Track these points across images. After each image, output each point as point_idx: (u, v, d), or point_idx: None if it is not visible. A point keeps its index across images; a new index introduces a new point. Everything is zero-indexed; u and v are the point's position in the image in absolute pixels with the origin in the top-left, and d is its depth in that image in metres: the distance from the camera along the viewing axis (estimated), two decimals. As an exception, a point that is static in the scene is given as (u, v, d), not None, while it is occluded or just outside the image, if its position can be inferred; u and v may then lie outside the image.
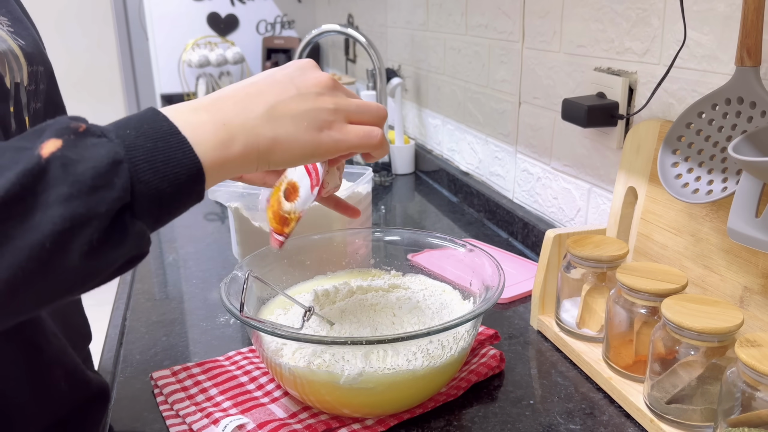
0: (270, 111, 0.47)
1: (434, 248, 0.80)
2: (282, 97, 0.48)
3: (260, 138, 0.46)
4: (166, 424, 0.65)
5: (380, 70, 1.52)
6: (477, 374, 0.71)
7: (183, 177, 0.41)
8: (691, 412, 0.60)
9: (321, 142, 0.49)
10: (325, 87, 0.51)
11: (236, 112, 0.46)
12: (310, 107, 0.48)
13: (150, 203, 0.40)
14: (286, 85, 0.49)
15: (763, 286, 0.62)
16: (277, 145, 0.47)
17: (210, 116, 0.44)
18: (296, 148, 0.48)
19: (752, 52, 0.61)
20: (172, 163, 0.40)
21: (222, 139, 0.43)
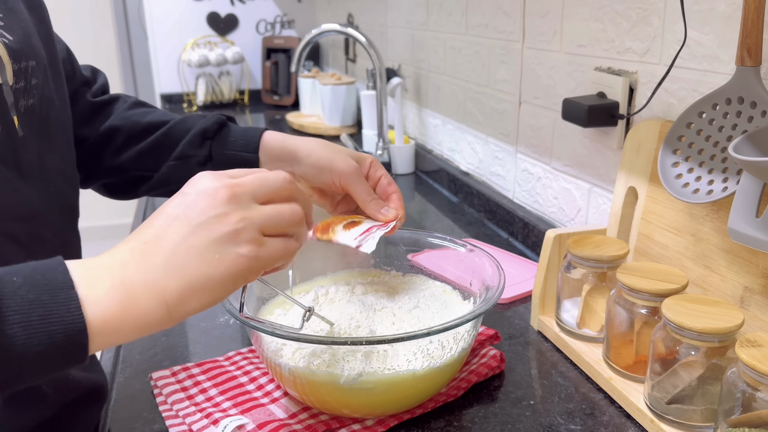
0: (171, 258, 0.42)
1: (434, 248, 0.80)
2: (179, 235, 0.42)
3: (166, 293, 0.41)
4: (165, 424, 0.65)
5: (380, 70, 1.52)
6: (477, 374, 0.71)
7: (59, 336, 0.36)
8: (692, 412, 0.60)
9: (240, 267, 0.43)
10: (223, 202, 0.44)
11: (136, 268, 0.41)
12: (212, 236, 0.43)
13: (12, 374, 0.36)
14: (179, 220, 0.43)
15: (763, 286, 0.62)
16: (190, 294, 0.42)
17: (109, 273, 0.40)
18: (214, 286, 0.42)
19: (753, 51, 0.61)
20: (50, 318, 0.36)
21: (120, 296, 0.39)
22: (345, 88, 2.00)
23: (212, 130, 0.74)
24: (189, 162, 0.74)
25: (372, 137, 1.68)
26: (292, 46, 2.55)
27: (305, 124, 2.10)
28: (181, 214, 0.44)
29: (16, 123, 0.54)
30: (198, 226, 0.43)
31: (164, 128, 0.76)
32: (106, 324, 0.39)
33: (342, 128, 2.03)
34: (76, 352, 0.38)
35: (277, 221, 0.46)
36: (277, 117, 2.37)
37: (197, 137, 0.74)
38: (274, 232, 0.46)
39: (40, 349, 0.36)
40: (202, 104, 2.53)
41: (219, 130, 0.75)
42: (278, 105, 2.56)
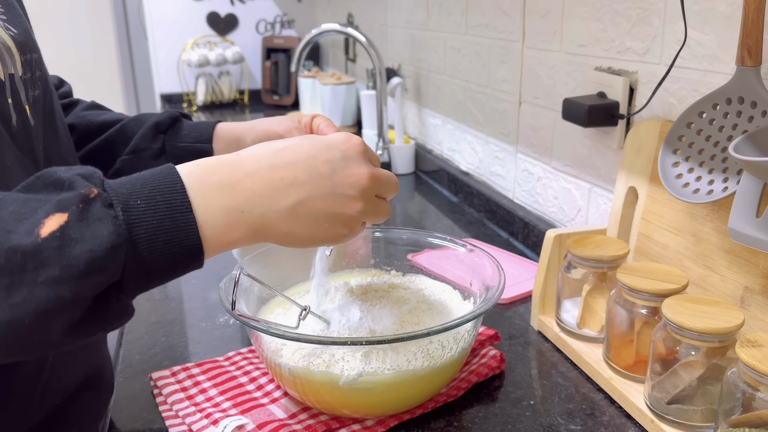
0: (295, 207, 0.46)
1: (434, 248, 0.80)
2: (313, 194, 0.46)
3: (275, 230, 0.45)
4: (165, 424, 0.65)
5: (380, 70, 1.52)
6: (477, 375, 0.71)
7: (180, 257, 0.41)
8: (692, 412, 0.60)
9: (333, 239, 0.49)
10: (362, 190, 0.49)
11: (260, 201, 0.45)
12: (337, 211, 0.47)
13: (140, 279, 0.39)
14: (323, 181, 0.47)
15: (763, 286, 0.62)
16: (289, 238, 0.47)
17: (231, 199, 0.43)
18: (307, 243, 0.48)
19: (753, 51, 0.60)
20: (172, 243, 0.40)
21: (234, 223, 0.43)
22: (345, 87, 2.00)
23: (165, 123, 0.76)
24: (142, 155, 0.76)
25: (372, 137, 1.68)
26: (292, 45, 2.55)
27: (305, 124, 2.10)
28: (326, 175, 0.47)
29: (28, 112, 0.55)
30: (332, 195, 0.47)
31: (118, 125, 0.78)
32: (217, 243, 0.43)
33: (342, 128, 2.03)
34: (192, 264, 0.42)
35: (376, 217, 0.52)
36: (277, 117, 2.37)
37: (150, 131, 0.76)
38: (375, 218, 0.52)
39: (164, 267, 0.40)
40: (202, 104, 2.53)
41: (172, 124, 0.76)
42: (278, 105, 2.56)
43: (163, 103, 2.62)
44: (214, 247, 0.43)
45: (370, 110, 1.73)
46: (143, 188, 0.40)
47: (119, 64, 3.27)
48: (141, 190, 0.40)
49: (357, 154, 0.50)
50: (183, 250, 0.41)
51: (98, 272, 0.37)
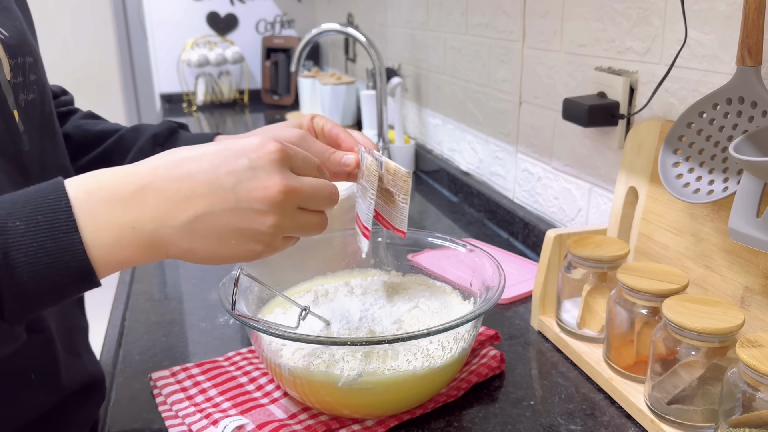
0: (192, 223, 0.41)
1: (434, 248, 0.80)
2: (213, 208, 0.42)
3: (173, 248, 0.42)
4: (165, 424, 0.65)
5: (380, 70, 1.52)
6: (477, 375, 0.71)
7: (68, 279, 0.38)
8: (692, 412, 0.60)
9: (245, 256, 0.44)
10: (272, 203, 0.43)
11: (154, 215, 0.41)
12: (244, 226, 0.43)
13: (23, 303, 0.37)
14: (225, 194, 0.42)
15: (764, 286, 0.61)
16: (191, 256, 0.43)
17: (121, 215, 0.40)
18: (213, 260, 0.44)
19: (753, 51, 0.60)
20: (57, 265, 0.37)
21: (125, 241, 0.40)
22: (345, 87, 2.00)
23: (163, 135, 0.73)
24: None
25: (372, 137, 1.68)
26: (291, 45, 2.55)
27: (305, 123, 2.10)
28: (228, 188, 0.42)
29: (17, 117, 0.53)
30: (236, 210, 0.42)
31: (115, 136, 0.76)
32: (108, 263, 0.40)
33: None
34: (84, 285, 0.39)
35: (301, 231, 0.47)
36: (277, 117, 2.37)
37: (148, 143, 0.73)
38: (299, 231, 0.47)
39: (51, 289, 0.38)
40: (202, 104, 2.53)
41: (170, 136, 0.73)
42: (278, 105, 2.56)
43: (163, 103, 2.62)
44: (106, 266, 0.40)
45: (370, 110, 1.73)
46: (24, 208, 0.38)
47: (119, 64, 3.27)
48: (21, 210, 0.37)
49: (269, 163, 0.43)
50: (70, 272, 0.38)
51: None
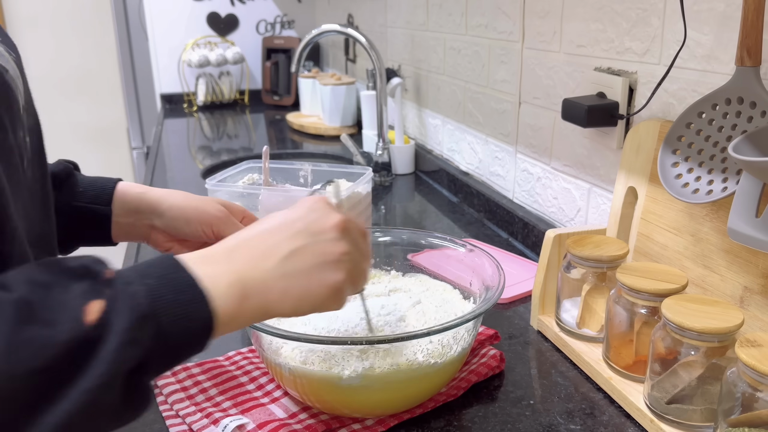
0: (282, 263, 0.46)
1: (434, 248, 0.80)
2: (296, 247, 0.47)
3: (271, 292, 0.45)
4: (166, 424, 0.65)
5: (380, 70, 1.52)
6: (477, 374, 0.71)
7: (197, 331, 0.41)
8: (692, 412, 0.60)
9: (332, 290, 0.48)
10: (340, 230, 0.49)
11: (251, 265, 0.45)
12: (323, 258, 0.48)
13: (163, 358, 0.40)
14: (302, 233, 0.48)
15: (763, 286, 0.62)
16: (287, 299, 0.46)
17: (226, 268, 0.44)
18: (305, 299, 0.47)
19: (752, 52, 0.61)
20: (191, 317, 0.40)
21: (236, 294, 0.43)
22: (345, 88, 2.00)
23: (59, 177, 0.68)
24: None
25: (372, 137, 1.68)
26: (292, 46, 2.55)
27: (305, 124, 2.10)
28: (302, 230, 0.48)
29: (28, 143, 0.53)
30: (314, 244, 0.48)
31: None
32: (226, 316, 0.43)
33: (342, 128, 2.03)
34: (204, 344, 0.42)
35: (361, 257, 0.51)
36: (277, 117, 2.37)
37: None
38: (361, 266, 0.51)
39: (183, 344, 0.40)
40: (203, 104, 2.54)
41: (66, 179, 0.68)
42: (278, 105, 2.56)
43: (164, 104, 2.62)
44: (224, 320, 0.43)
45: (370, 110, 1.73)
46: (148, 270, 0.41)
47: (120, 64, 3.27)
48: (146, 272, 0.41)
49: (322, 205, 0.51)
50: (199, 325, 0.41)
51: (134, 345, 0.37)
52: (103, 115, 3.57)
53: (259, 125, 2.31)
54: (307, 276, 0.47)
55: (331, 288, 0.48)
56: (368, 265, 0.53)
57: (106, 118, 3.57)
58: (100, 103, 3.56)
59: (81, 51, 3.45)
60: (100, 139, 3.56)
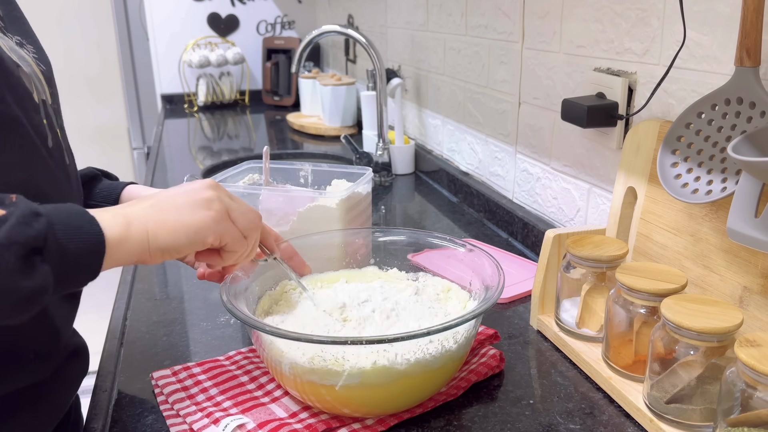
0: (158, 204, 0.58)
1: (434, 248, 0.80)
2: (169, 194, 0.60)
3: (149, 221, 0.56)
4: (166, 423, 0.65)
5: (380, 71, 1.52)
6: (477, 374, 0.71)
7: (89, 243, 0.51)
8: (691, 411, 0.60)
9: (205, 223, 0.58)
10: (209, 185, 0.61)
11: (133, 207, 0.57)
12: (192, 199, 0.59)
13: (57, 255, 0.48)
14: (173, 190, 0.61)
15: (762, 286, 0.62)
16: (164, 229, 0.56)
17: (111, 211, 0.56)
18: (182, 229, 0.57)
19: (752, 52, 0.61)
20: (82, 230, 0.51)
21: (120, 222, 0.54)
22: (345, 88, 2.00)
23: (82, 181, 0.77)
24: None
25: (372, 138, 1.68)
26: (292, 46, 2.55)
27: (305, 124, 2.10)
28: (175, 188, 0.61)
29: (60, 136, 0.62)
30: (184, 192, 0.60)
31: None
32: (113, 239, 0.52)
33: (342, 129, 2.03)
34: (97, 266, 0.52)
35: (241, 214, 0.62)
36: (278, 117, 2.37)
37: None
38: (238, 221, 0.61)
39: (75, 252, 0.50)
40: (203, 105, 2.54)
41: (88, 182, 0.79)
42: (279, 105, 2.56)
43: (164, 104, 2.63)
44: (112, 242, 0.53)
45: (370, 111, 1.73)
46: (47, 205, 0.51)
47: (120, 64, 3.27)
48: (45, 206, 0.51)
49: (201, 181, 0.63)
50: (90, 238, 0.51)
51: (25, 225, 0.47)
52: (104, 116, 3.57)
53: (260, 125, 2.31)
54: (180, 211, 0.58)
55: (202, 221, 0.58)
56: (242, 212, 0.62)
57: (106, 118, 3.57)
58: (101, 104, 3.57)
59: (81, 51, 3.45)
60: (101, 140, 3.56)
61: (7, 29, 0.61)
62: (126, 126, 3.46)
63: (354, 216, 0.93)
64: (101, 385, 0.73)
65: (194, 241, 0.58)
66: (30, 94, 0.58)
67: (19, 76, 0.57)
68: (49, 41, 3.30)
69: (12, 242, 0.46)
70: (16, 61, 0.57)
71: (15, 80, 0.56)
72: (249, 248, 0.64)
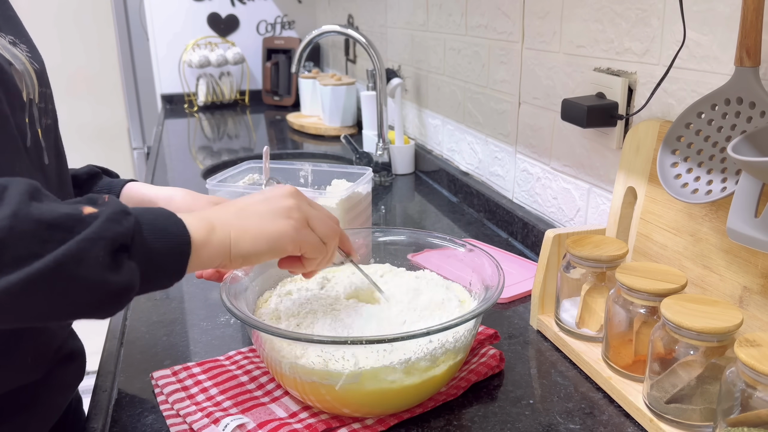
0: (240, 210, 0.59)
1: (434, 248, 0.80)
2: (251, 201, 0.60)
3: (232, 228, 0.57)
4: (166, 423, 0.65)
5: (380, 71, 1.52)
6: (477, 374, 0.71)
7: (174, 243, 0.52)
8: (691, 411, 0.60)
9: (285, 231, 0.58)
10: (289, 193, 0.62)
11: (217, 213, 0.58)
12: (273, 207, 0.60)
13: (144, 254, 0.49)
14: (254, 197, 0.61)
15: (762, 286, 0.62)
16: (246, 235, 0.57)
17: (195, 215, 0.56)
18: (264, 237, 0.58)
19: (751, 52, 0.61)
20: (169, 231, 0.52)
21: (205, 226, 0.55)
22: (345, 88, 2.00)
23: (81, 178, 0.79)
24: None
25: (372, 138, 1.68)
26: (292, 46, 2.55)
27: (305, 124, 2.10)
28: (256, 195, 0.62)
29: (41, 135, 0.62)
30: (266, 200, 0.61)
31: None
32: (198, 241, 0.54)
33: (342, 129, 2.03)
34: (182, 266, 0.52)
35: (320, 221, 0.62)
36: (278, 117, 2.37)
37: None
38: (317, 229, 0.62)
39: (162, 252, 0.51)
40: (203, 104, 2.54)
41: (89, 179, 0.79)
42: (279, 105, 2.57)
43: (164, 104, 2.63)
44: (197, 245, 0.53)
45: (370, 111, 1.73)
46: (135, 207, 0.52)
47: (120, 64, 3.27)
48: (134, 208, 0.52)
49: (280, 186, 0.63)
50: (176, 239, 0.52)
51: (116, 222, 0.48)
52: (103, 116, 3.57)
53: (260, 125, 2.31)
54: (261, 219, 0.58)
55: (282, 230, 0.58)
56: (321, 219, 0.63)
57: (106, 118, 3.57)
58: (101, 104, 3.57)
59: (82, 52, 3.45)
60: (100, 140, 3.56)
61: (0, 28, 0.61)
62: (126, 126, 3.46)
63: (354, 216, 0.93)
64: (101, 385, 0.73)
65: (274, 249, 0.58)
66: (19, 92, 0.58)
67: (11, 73, 0.57)
68: (49, 42, 3.30)
69: (101, 237, 0.46)
70: (9, 59, 0.58)
71: (7, 77, 0.56)
72: (329, 255, 0.64)
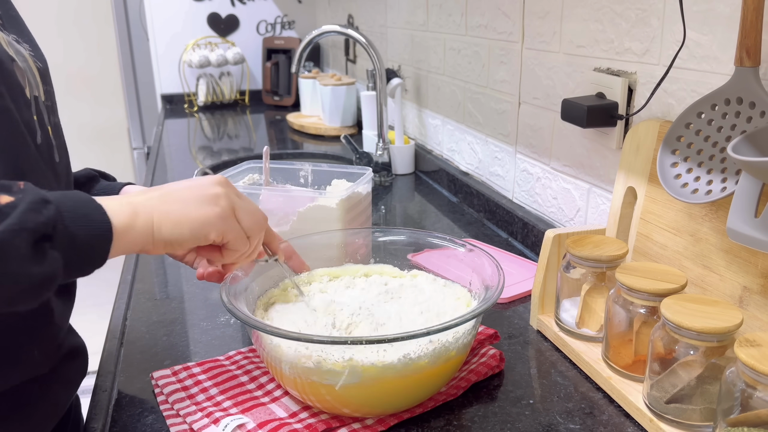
0: (165, 195, 0.58)
1: (434, 248, 0.80)
2: (177, 187, 0.60)
3: (155, 212, 0.56)
4: (166, 423, 0.65)
5: (380, 71, 1.52)
6: (477, 374, 0.71)
7: (97, 230, 0.51)
8: (691, 411, 0.60)
9: (209, 218, 0.58)
10: (218, 182, 0.61)
11: (138, 198, 0.57)
12: (199, 194, 0.59)
13: (66, 242, 0.49)
14: (181, 183, 0.61)
15: (762, 285, 0.62)
16: (168, 221, 0.57)
17: (119, 200, 0.56)
18: (187, 223, 0.57)
19: (751, 52, 0.61)
20: (90, 218, 0.51)
21: (127, 211, 0.55)
22: (345, 88, 2.00)
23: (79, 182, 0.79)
24: None
25: (372, 138, 1.68)
26: (292, 46, 2.55)
27: (306, 124, 2.10)
28: (184, 181, 0.61)
29: (50, 132, 0.63)
30: (192, 187, 0.60)
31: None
32: (120, 227, 0.53)
33: (342, 129, 2.03)
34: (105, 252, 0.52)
35: (247, 213, 0.62)
36: (278, 117, 2.38)
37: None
38: (243, 220, 0.61)
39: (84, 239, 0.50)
40: (203, 104, 2.54)
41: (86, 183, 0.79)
42: (279, 105, 2.57)
43: (164, 104, 2.63)
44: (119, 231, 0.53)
45: (370, 111, 1.73)
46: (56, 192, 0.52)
47: (120, 64, 3.27)
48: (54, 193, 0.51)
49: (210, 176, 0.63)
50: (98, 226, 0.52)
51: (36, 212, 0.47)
52: (104, 116, 3.57)
53: (260, 125, 2.31)
54: (186, 204, 0.58)
55: (207, 216, 0.58)
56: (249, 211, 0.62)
57: (106, 118, 3.58)
58: (101, 104, 3.57)
59: (81, 51, 3.46)
60: (100, 140, 3.56)
61: (4, 26, 0.62)
62: (126, 126, 3.46)
63: (354, 216, 0.93)
64: (101, 385, 0.73)
65: (197, 235, 0.58)
66: (22, 89, 0.58)
67: (12, 69, 0.57)
68: (49, 42, 3.30)
69: (23, 229, 0.46)
70: (12, 55, 0.58)
71: (8, 73, 0.56)
72: (251, 248, 0.63)
